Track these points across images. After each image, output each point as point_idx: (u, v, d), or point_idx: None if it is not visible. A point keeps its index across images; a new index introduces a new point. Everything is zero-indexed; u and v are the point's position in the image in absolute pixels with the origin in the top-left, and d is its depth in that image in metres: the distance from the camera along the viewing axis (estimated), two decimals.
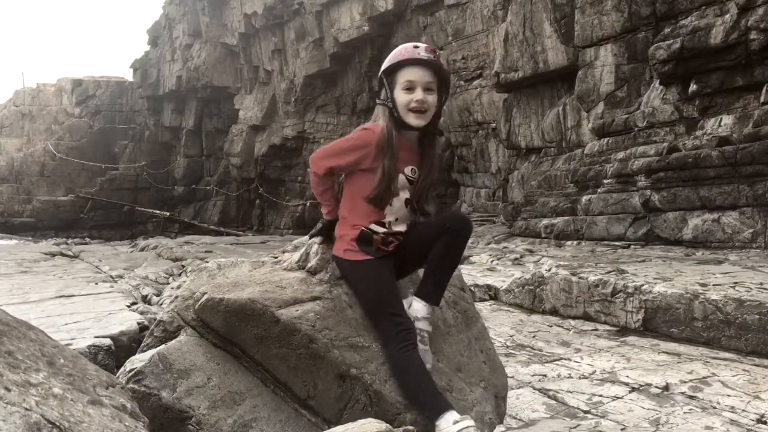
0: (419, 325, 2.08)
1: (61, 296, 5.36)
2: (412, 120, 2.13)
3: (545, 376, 3.30)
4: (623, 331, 4.29)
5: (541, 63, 11.31)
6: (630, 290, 4.37)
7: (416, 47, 2.15)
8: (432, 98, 2.14)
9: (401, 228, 2.19)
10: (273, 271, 2.31)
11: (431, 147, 2.23)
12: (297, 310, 2.06)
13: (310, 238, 2.33)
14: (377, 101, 2.24)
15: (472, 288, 5.46)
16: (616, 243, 7.69)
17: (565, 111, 11.10)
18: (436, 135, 2.26)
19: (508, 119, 12.70)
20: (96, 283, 6.59)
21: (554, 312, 4.96)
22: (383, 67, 2.20)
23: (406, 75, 2.13)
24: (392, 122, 2.15)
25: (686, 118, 7.78)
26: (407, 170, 2.18)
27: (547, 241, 8.86)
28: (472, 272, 6.40)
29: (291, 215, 20.77)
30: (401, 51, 2.17)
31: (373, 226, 2.15)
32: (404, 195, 2.18)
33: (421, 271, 2.33)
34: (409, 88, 2.13)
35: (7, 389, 1.34)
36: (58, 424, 1.31)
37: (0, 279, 6.93)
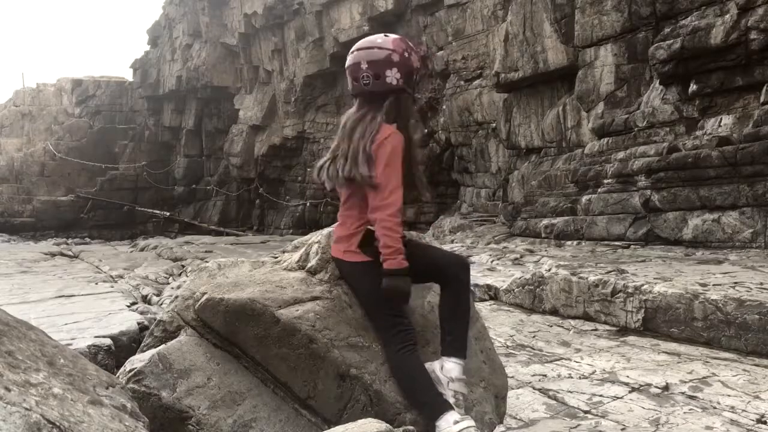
0: (454, 387, 2.02)
1: (61, 296, 5.36)
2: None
3: (545, 376, 3.30)
4: (623, 331, 4.29)
5: (541, 63, 11.30)
6: (630, 290, 4.37)
7: None
8: None
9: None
10: (273, 271, 2.31)
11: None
12: (297, 310, 2.06)
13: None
14: None
15: (472, 288, 5.45)
16: (616, 243, 7.68)
17: (565, 111, 11.09)
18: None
19: (508, 119, 12.69)
20: (96, 283, 6.59)
21: (554, 312, 4.96)
22: None
23: None
24: None
25: (686, 118, 7.78)
26: None
27: (547, 241, 8.85)
28: (472, 272, 6.39)
29: (291, 215, 20.77)
30: None
31: (371, 227, 2.16)
32: None
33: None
34: None
35: (7, 389, 1.34)
36: (58, 424, 1.31)
37: (0, 279, 6.93)
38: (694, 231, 6.83)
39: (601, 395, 2.92)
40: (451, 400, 1.99)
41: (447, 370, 2.04)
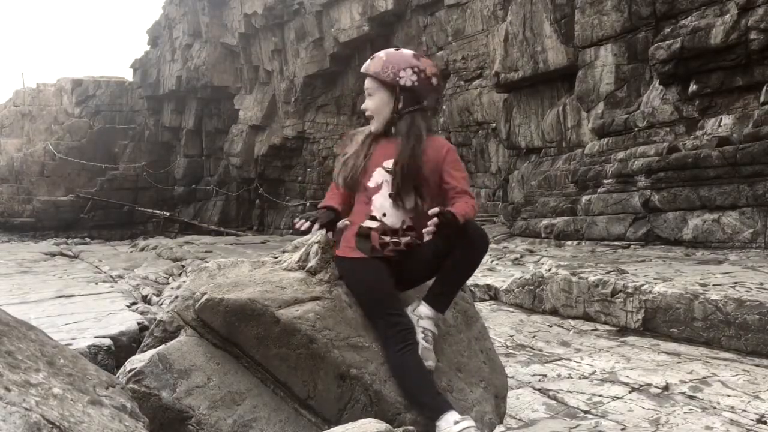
0: (423, 323, 2.08)
1: (61, 296, 5.35)
2: (372, 125, 2.33)
3: (545, 376, 3.30)
4: (623, 331, 4.29)
5: (541, 63, 11.30)
6: (630, 290, 4.37)
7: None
8: (372, 102, 2.32)
9: (392, 221, 2.18)
10: (273, 271, 2.31)
11: (406, 140, 2.24)
12: (297, 310, 2.06)
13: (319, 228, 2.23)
14: None
15: (472, 288, 5.46)
16: (616, 243, 7.69)
17: (565, 111, 11.09)
18: (408, 131, 2.26)
19: (508, 119, 12.69)
20: (96, 283, 6.58)
21: (554, 312, 4.96)
22: None
23: None
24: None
25: (686, 118, 7.78)
26: (386, 164, 2.23)
27: (547, 241, 8.86)
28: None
29: (291, 215, 20.76)
30: None
31: (367, 222, 2.18)
32: (387, 189, 2.21)
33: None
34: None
35: (7, 389, 1.34)
36: (58, 424, 1.31)
37: (0, 279, 6.93)
38: (694, 231, 6.83)
39: (601, 395, 2.92)
40: (420, 336, 2.06)
41: (419, 311, 2.11)
